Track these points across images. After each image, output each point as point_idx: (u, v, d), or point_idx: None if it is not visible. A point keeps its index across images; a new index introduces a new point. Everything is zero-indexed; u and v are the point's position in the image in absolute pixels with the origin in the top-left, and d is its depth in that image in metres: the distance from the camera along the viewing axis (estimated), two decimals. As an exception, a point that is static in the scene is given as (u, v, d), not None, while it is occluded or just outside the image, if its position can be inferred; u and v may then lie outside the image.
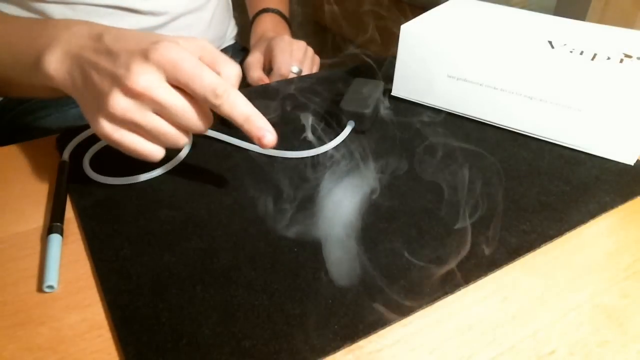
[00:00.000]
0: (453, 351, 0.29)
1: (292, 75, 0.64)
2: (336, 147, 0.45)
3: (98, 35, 0.35)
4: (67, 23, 0.37)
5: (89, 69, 0.34)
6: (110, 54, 0.34)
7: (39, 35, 0.38)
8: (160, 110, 0.34)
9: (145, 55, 0.33)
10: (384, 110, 0.52)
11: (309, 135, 0.47)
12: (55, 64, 0.36)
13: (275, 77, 0.64)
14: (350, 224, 0.37)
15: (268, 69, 0.68)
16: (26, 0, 0.56)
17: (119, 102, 0.33)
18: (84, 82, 0.34)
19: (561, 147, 0.47)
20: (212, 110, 0.35)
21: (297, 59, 0.66)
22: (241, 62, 0.78)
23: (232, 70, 0.35)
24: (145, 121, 0.34)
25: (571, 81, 0.43)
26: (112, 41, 0.34)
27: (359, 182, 0.41)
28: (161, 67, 0.33)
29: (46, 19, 0.39)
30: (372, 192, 0.40)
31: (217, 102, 0.33)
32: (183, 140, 0.36)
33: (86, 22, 0.38)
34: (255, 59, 0.67)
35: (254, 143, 0.39)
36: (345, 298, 0.31)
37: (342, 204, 0.39)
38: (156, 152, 0.36)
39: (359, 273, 0.33)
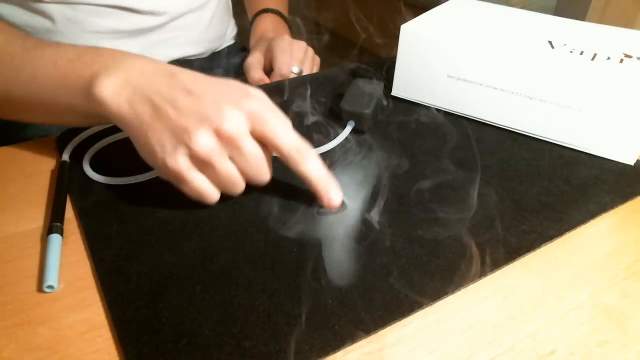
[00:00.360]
0: (453, 351, 0.29)
1: (292, 76, 0.64)
2: (336, 147, 0.45)
3: (170, 72, 0.35)
4: (126, 53, 0.37)
5: (163, 104, 0.33)
6: (190, 93, 0.34)
7: (92, 60, 0.37)
8: (239, 158, 0.34)
9: (237, 102, 0.34)
10: (384, 110, 0.52)
11: (309, 136, 0.47)
12: (113, 89, 0.34)
13: (276, 78, 0.64)
14: (350, 224, 0.37)
15: (268, 69, 0.68)
16: (26, 0, 0.56)
17: (206, 141, 0.32)
18: (155, 115, 0.33)
19: (561, 147, 0.47)
20: None
21: (297, 59, 0.66)
22: (241, 62, 0.78)
23: (291, 125, 0.37)
24: (221, 165, 0.34)
25: (571, 81, 0.43)
26: (189, 81, 0.35)
27: (359, 182, 0.41)
28: (250, 118, 0.34)
29: (100, 47, 0.39)
30: (372, 192, 0.40)
31: (299, 159, 0.35)
32: (241, 189, 0.36)
33: (147, 57, 0.37)
34: (255, 60, 0.67)
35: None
36: (345, 298, 0.31)
37: (341, 203, 0.39)
38: (215, 195, 0.36)
39: (359, 273, 0.33)
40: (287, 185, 0.41)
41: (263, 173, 0.36)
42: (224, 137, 0.33)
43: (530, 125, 0.48)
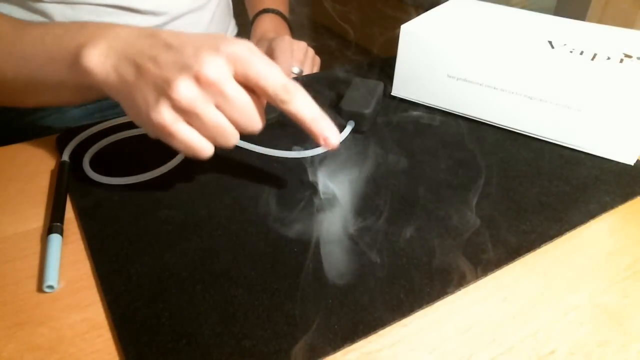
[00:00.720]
0: (453, 351, 0.29)
1: (292, 76, 0.64)
2: (336, 147, 0.45)
3: (151, 33, 0.35)
4: (111, 24, 0.37)
5: (144, 62, 0.33)
6: (171, 47, 0.33)
7: (77, 33, 0.37)
8: (224, 104, 0.33)
9: (216, 48, 0.32)
10: (384, 110, 0.52)
11: (309, 136, 0.47)
12: (98, 58, 0.35)
13: None
14: (350, 224, 0.37)
15: None
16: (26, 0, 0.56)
17: (188, 89, 0.32)
18: (137, 74, 0.33)
19: (561, 147, 0.47)
20: None
21: (298, 59, 0.66)
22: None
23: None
24: (207, 113, 0.33)
25: (571, 81, 0.43)
26: (170, 37, 0.34)
27: (359, 182, 0.41)
28: (232, 61, 0.33)
29: (87, 21, 0.39)
30: (372, 192, 0.40)
31: (286, 97, 0.33)
32: (235, 140, 0.35)
33: (131, 25, 0.37)
34: None
35: (251, 143, 0.38)
36: (345, 298, 0.31)
37: (341, 203, 0.39)
38: (207, 148, 0.35)
39: (359, 273, 0.33)
40: (288, 185, 0.41)
41: (253, 119, 0.34)
42: (205, 82, 0.32)
43: (530, 125, 0.48)
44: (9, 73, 0.40)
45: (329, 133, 0.35)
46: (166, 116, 0.33)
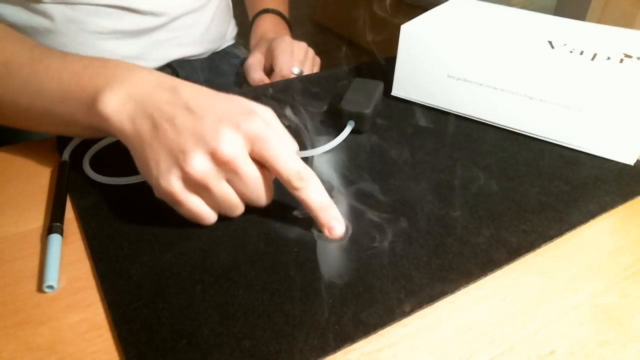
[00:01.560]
0: (453, 351, 0.29)
1: (293, 76, 0.64)
2: (336, 147, 0.45)
3: (172, 87, 0.34)
4: (130, 65, 0.36)
5: (162, 121, 0.33)
6: (191, 111, 0.33)
7: (95, 74, 0.36)
8: (235, 181, 0.33)
9: (236, 124, 0.32)
10: (384, 110, 0.52)
11: (309, 136, 0.47)
12: (116, 106, 0.34)
13: (277, 78, 0.64)
14: (350, 224, 0.37)
15: (269, 69, 0.68)
16: (26, 0, 0.56)
17: (201, 164, 0.32)
18: (153, 133, 0.33)
19: (561, 147, 0.47)
20: None
21: (298, 59, 0.66)
22: (242, 63, 0.78)
23: (295, 148, 0.36)
24: (217, 188, 0.33)
25: (571, 81, 0.43)
26: (191, 98, 0.34)
27: (359, 182, 0.41)
28: (249, 140, 0.33)
29: (105, 59, 0.38)
30: (372, 192, 0.40)
31: (299, 185, 0.33)
32: (240, 211, 0.35)
33: (152, 70, 0.36)
34: (256, 60, 0.67)
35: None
36: (345, 298, 0.31)
37: (342, 204, 0.39)
38: (212, 217, 0.35)
39: (359, 273, 0.33)
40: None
41: (262, 196, 0.35)
42: (220, 160, 0.32)
43: (530, 125, 0.48)
44: (23, 104, 0.40)
45: (335, 224, 0.35)
46: (175, 186, 0.33)
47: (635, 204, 0.41)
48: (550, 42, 0.47)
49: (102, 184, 0.40)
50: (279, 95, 0.55)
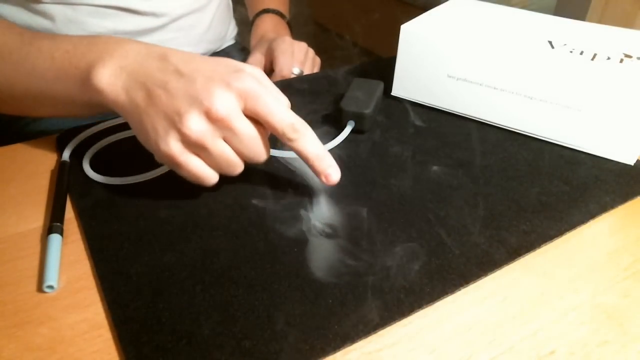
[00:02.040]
0: (453, 351, 0.29)
1: (293, 77, 0.64)
2: (336, 147, 0.45)
3: (161, 54, 0.35)
4: (119, 39, 0.37)
5: (155, 88, 0.34)
6: (182, 75, 0.34)
7: (87, 50, 0.37)
8: (232, 138, 0.34)
9: (227, 82, 0.33)
10: (384, 110, 0.52)
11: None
12: (109, 78, 0.35)
13: (277, 78, 0.64)
14: (349, 224, 0.37)
15: (269, 70, 0.68)
16: (26, 0, 0.56)
17: (197, 124, 0.32)
18: (148, 100, 0.34)
19: (561, 147, 0.47)
20: None
21: (298, 60, 0.66)
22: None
23: (287, 102, 0.37)
24: (214, 147, 0.34)
25: (571, 81, 0.43)
26: (181, 62, 0.35)
27: (359, 181, 0.41)
28: (242, 97, 0.33)
29: (94, 35, 0.39)
30: (372, 192, 0.40)
31: (294, 136, 0.34)
32: (240, 169, 0.36)
33: (140, 41, 0.37)
34: (256, 60, 0.67)
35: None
36: (345, 298, 0.31)
37: (342, 203, 0.39)
38: (213, 177, 0.36)
39: (359, 273, 0.33)
40: (288, 185, 0.41)
41: (259, 152, 0.35)
42: (215, 118, 0.32)
43: (530, 125, 0.48)
44: (18, 88, 0.40)
45: (331, 171, 0.36)
46: (175, 148, 0.33)
47: (635, 204, 0.41)
48: (550, 42, 0.47)
49: (102, 184, 0.40)
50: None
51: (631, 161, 0.44)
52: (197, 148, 0.34)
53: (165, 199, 0.39)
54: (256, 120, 0.35)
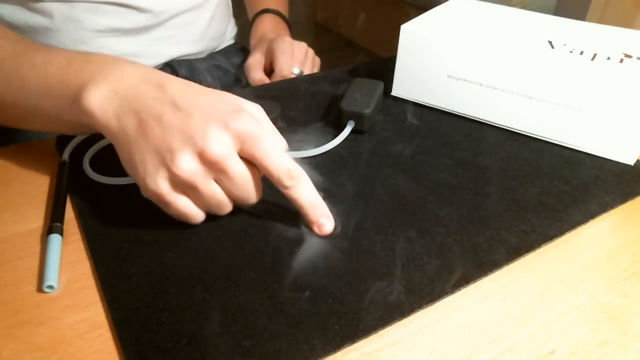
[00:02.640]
0: (453, 351, 0.29)
1: (293, 77, 0.64)
2: (336, 147, 0.45)
3: (158, 82, 0.33)
4: (116, 59, 0.35)
5: (148, 119, 0.32)
6: (179, 108, 0.32)
7: (81, 68, 0.35)
8: (224, 180, 0.33)
9: (225, 122, 0.32)
10: (384, 110, 0.52)
11: (309, 136, 0.47)
12: (101, 101, 0.33)
13: (277, 78, 0.64)
14: (350, 224, 0.37)
15: (269, 70, 0.68)
16: (25, -1, 0.56)
17: (189, 165, 0.31)
18: (140, 131, 0.32)
19: (561, 147, 0.47)
20: None
21: (298, 60, 0.66)
22: (241, 62, 0.78)
23: (285, 146, 0.35)
24: (205, 188, 0.32)
25: (571, 81, 0.43)
26: (178, 94, 0.33)
27: (359, 182, 0.41)
28: (239, 139, 0.32)
29: (91, 53, 0.37)
30: (372, 192, 0.40)
31: (289, 183, 0.33)
32: (229, 210, 0.35)
33: (137, 63, 0.35)
34: (256, 60, 0.67)
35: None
36: (345, 298, 0.31)
37: (342, 204, 0.39)
38: (200, 216, 0.35)
39: (359, 273, 0.33)
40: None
41: (251, 194, 0.34)
42: (209, 160, 0.31)
43: (530, 125, 0.48)
44: (7, 100, 0.39)
45: (325, 221, 0.35)
46: (163, 186, 0.32)
47: (635, 204, 0.41)
48: (550, 42, 0.47)
49: (102, 184, 0.40)
50: (279, 95, 0.55)
51: (631, 161, 0.44)
52: (186, 188, 0.32)
53: (165, 199, 0.39)
54: (250, 161, 0.33)
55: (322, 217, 0.35)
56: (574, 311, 0.31)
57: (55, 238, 0.34)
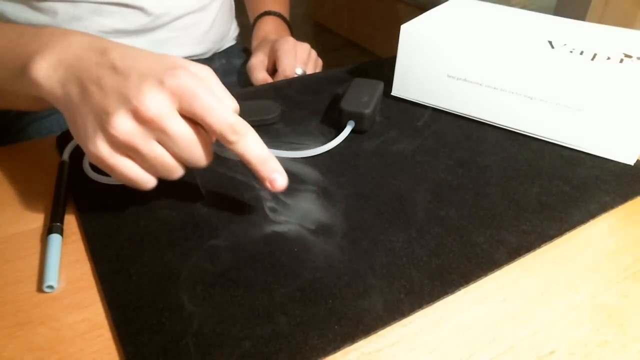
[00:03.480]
0: (453, 351, 0.29)
1: (295, 76, 0.64)
2: (336, 147, 0.45)
3: (102, 48, 0.33)
4: (65, 31, 0.35)
5: (89, 83, 0.32)
6: (117, 71, 0.31)
7: (31, 40, 0.35)
8: (165, 140, 0.31)
9: (160, 80, 0.31)
10: (384, 110, 0.52)
11: (309, 135, 0.47)
12: (46, 71, 0.33)
13: (280, 78, 0.64)
14: (350, 224, 0.37)
15: (271, 70, 0.68)
16: (29, -1, 0.56)
17: (124, 125, 0.30)
18: (81, 96, 0.32)
19: (561, 147, 0.47)
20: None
21: (301, 60, 0.66)
22: (243, 63, 0.78)
23: (233, 105, 0.34)
24: (147, 149, 0.31)
25: (571, 81, 0.43)
26: (119, 58, 0.32)
27: (359, 182, 0.41)
28: (176, 96, 0.31)
29: (43, 27, 0.37)
30: (372, 192, 0.40)
31: (233, 138, 0.32)
32: (179, 173, 0.34)
33: (87, 34, 0.35)
34: (259, 60, 0.67)
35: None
36: (345, 298, 0.31)
37: (342, 203, 0.39)
38: (149, 182, 0.33)
39: (359, 273, 0.33)
40: (288, 185, 0.41)
41: (197, 156, 0.33)
42: (143, 118, 0.30)
43: (530, 125, 0.48)
44: None
45: (276, 176, 0.34)
46: (103, 150, 0.31)
47: (635, 204, 0.41)
48: (550, 42, 0.47)
49: (102, 184, 0.40)
50: (280, 94, 0.55)
51: (631, 161, 0.44)
52: (127, 150, 0.31)
53: (165, 199, 0.39)
54: (195, 121, 0.32)
55: (274, 173, 0.34)
56: (574, 311, 0.31)
57: (55, 238, 0.34)
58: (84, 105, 0.32)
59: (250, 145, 0.33)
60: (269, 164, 0.34)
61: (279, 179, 0.34)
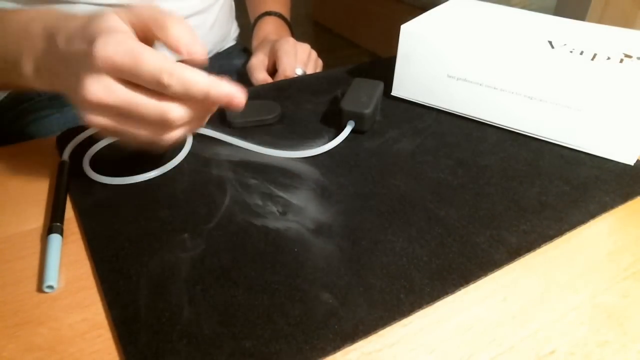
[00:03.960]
0: (453, 351, 0.29)
1: (295, 76, 0.64)
2: (336, 147, 0.45)
3: (50, 36, 0.35)
4: (27, 26, 0.37)
5: (53, 78, 0.35)
6: (64, 61, 0.33)
7: (18, 39, 0.37)
8: (129, 113, 0.32)
9: (90, 61, 0.31)
10: (384, 110, 0.52)
11: (309, 135, 0.47)
12: (30, 73, 0.37)
13: (280, 79, 0.64)
14: (350, 224, 0.37)
15: (272, 70, 0.68)
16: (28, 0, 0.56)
17: (90, 113, 0.33)
18: (58, 84, 0.35)
19: (561, 147, 0.47)
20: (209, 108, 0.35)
21: (301, 61, 0.66)
22: (243, 63, 0.78)
23: (181, 30, 0.33)
24: (122, 125, 0.33)
25: (571, 81, 0.43)
26: (63, 44, 0.33)
27: (359, 182, 0.41)
28: (104, 70, 0.31)
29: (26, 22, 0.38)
30: (372, 192, 0.40)
31: (167, 85, 0.31)
32: (173, 137, 0.35)
33: (42, 19, 0.36)
34: (259, 61, 0.67)
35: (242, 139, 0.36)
36: (345, 298, 0.31)
37: (342, 203, 0.39)
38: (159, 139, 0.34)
39: (359, 273, 0.33)
40: (288, 185, 0.41)
41: (163, 109, 0.32)
42: (93, 106, 0.32)
43: (530, 125, 0.48)
44: None
45: (231, 96, 0.33)
46: (95, 120, 0.33)
47: (635, 204, 0.41)
48: (550, 42, 0.47)
49: (102, 184, 0.40)
50: (280, 95, 0.55)
51: (631, 161, 0.44)
52: (112, 119, 0.33)
53: (165, 199, 0.39)
54: (148, 89, 0.32)
55: (226, 95, 0.33)
56: (574, 311, 0.31)
57: (55, 238, 0.34)
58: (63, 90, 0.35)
59: (187, 82, 0.31)
60: (219, 89, 0.32)
61: (235, 97, 0.33)
